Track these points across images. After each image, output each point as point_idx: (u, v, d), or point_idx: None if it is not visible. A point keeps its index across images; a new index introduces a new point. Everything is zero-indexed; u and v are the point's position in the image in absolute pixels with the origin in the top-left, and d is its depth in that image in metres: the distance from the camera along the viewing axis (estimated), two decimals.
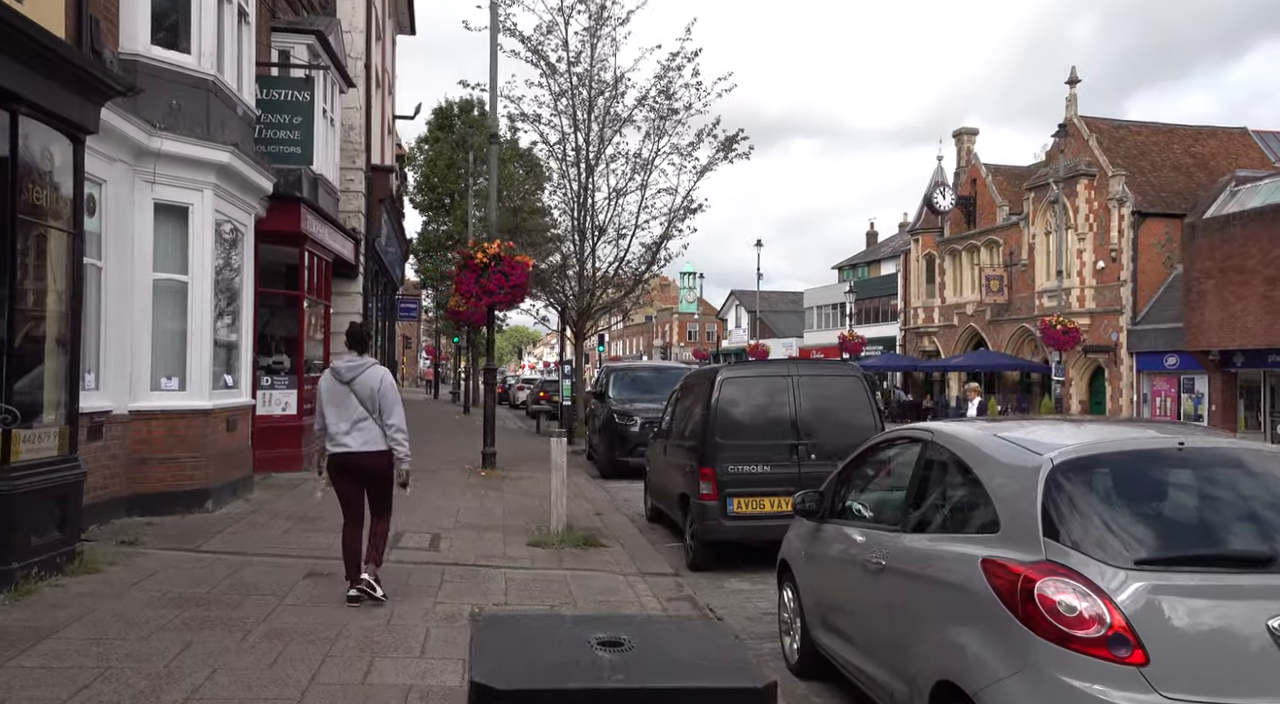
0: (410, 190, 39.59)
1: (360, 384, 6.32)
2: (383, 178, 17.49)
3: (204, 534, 8.46)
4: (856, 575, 4.44)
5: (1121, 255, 33.51)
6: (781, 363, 8.82)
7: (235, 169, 9.58)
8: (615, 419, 15.80)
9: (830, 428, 8.42)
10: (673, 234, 22.69)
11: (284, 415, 13.11)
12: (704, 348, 72.17)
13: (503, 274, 14.37)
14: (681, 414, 9.70)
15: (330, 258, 14.83)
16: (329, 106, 14.48)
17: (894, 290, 50.05)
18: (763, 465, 8.27)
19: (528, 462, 16.90)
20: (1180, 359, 30.53)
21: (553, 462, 9.31)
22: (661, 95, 21.80)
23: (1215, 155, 36.66)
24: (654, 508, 11.15)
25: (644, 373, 18.04)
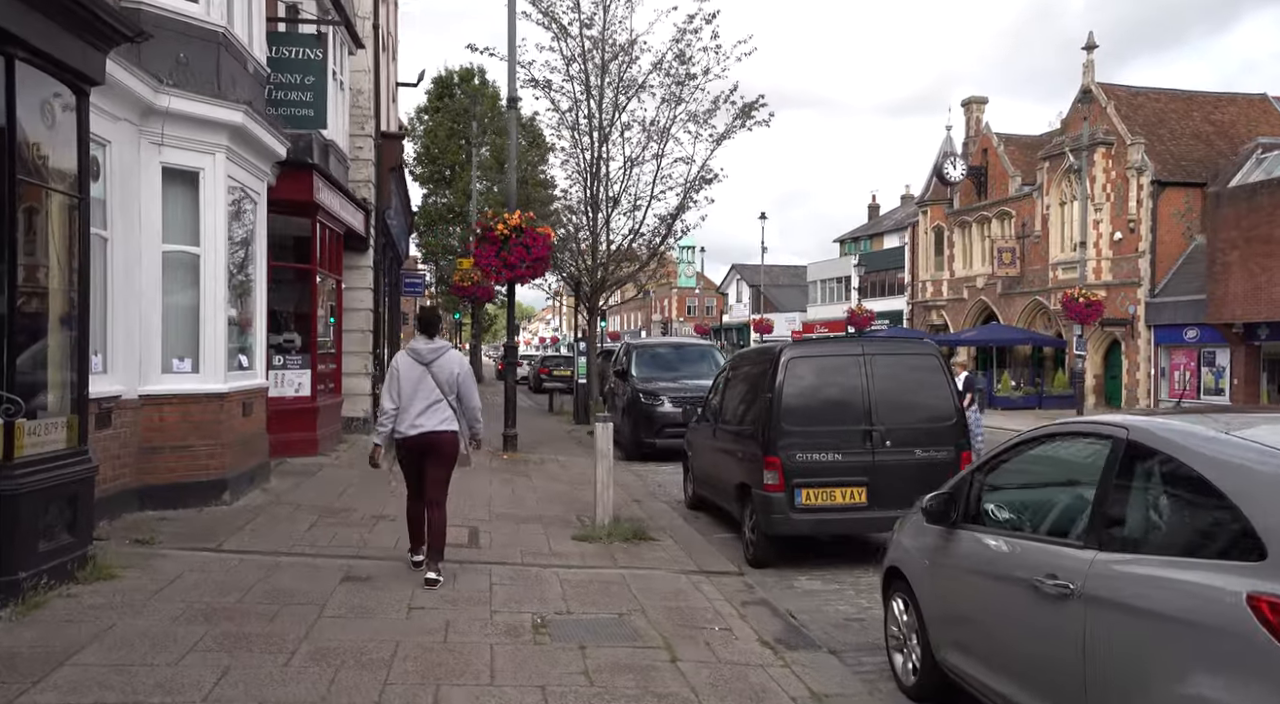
0: (410, 162, 38.61)
1: (440, 366, 6.57)
2: (393, 145, 16.65)
3: (224, 530, 7.77)
4: (1019, 598, 3.77)
5: (1140, 226, 32.78)
6: (851, 341, 8.13)
7: (249, 131, 8.78)
8: (641, 399, 15.12)
9: (905, 412, 7.74)
10: (689, 205, 21.88)
11: (297, 397, 12.39)
12: (705, 323, 71.42)
13: (524, 247, 13.63)
14: (735, 397, 9.00)
15: (342, 230, 14.05)
16: (338, 68, 13.62)
17: (900, 263, 49.30)
18: (833, 454, 7.60)
19: (546, 443, 16.24)
20: (1201, 332, 29.92)
21: (598, 449, 8.62)
22: (677, 60, 20.91)
23: (1235, 122, 35.84)
24: (696, 495, 10.49)
25: (666, 350, 17.35)
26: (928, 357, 7.98)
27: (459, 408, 6.65)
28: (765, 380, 7.97)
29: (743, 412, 8.60)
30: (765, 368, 8.08)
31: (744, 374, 8.93)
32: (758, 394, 8.16)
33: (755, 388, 8.32)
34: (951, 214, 43.56)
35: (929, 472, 7.65)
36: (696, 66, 20.74)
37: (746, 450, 8.17)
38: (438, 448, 6.62)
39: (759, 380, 8.24)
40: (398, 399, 6.58)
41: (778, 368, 7.76)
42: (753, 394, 8.39)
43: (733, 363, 9.52)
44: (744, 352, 9.68)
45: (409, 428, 6.54)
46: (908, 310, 47.68)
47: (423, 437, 6.54)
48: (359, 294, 15.77)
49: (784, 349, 7.87)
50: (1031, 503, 4.18)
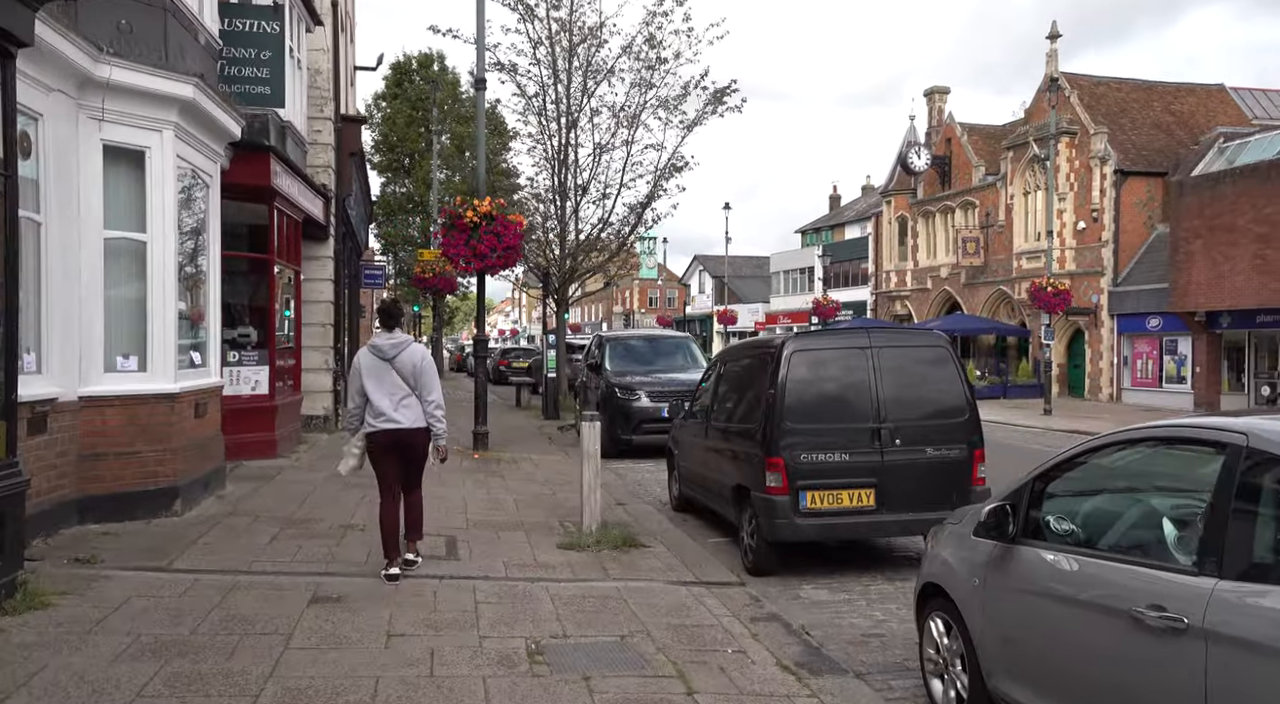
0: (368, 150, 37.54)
1: (403, 361, 6.42)
2: (353, 129, 15.85)
3: (175, 546, 7.05)
4: (1108, 630, 3.29)
5: (1103, 215, 32.93)
6: (857, 332, 7.60)
7: (200, 107, 8.03)
8: (617, 394, 14.55)
9: (915, 408, 7.27)
10: (659, 193, 21.32)
11: (254, 395, 11.63)
12: (667, 315, 70.97)
13: (494, 235, 12.96)
14: (731, 392, 8.47)
15: (300, 217, 13.26)
16: (295, 46, 12.82)
17: (863, 254, 49.25)
18: (840, 453, 7.10)
19: (518, 440, 15.61)
20: (1163, 321, 30.12)
21: (584, 450, 8.04)
22: (647, 44, 20.31)
23: (1194, 113, 36.15)
24: (683, 496, 9.96)
25: (641, 342, 16.77)
26: (937, 347, 7.52)
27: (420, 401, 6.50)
28: (765, 375, 7.44)
29: (739, 408, 8.07)
30: (765, 361, 7.56)
31: (740, 368, 8.40)
32: (756, 390, 7.64)
33: (754, 383, 7.80)
34: (915, 204, 43.53)
35: (941, 472, 7.22)
36: (668, 50, 20.20)
37: (744, 450, 7.64)
38: (411, 447, 6.53)
39: (758, 375, 7.72)
40: (362, 398, 6.47)
41: (779, 361, 7.24)
42: (751, 390, 7.86)
43: (726, 356, 8.97)
44: (739, 344, 9.15)
45: (381, 421, 6.41)
46: (871, 301, 47.66)
47: (396, 433, 6.43)
48: (319, 286, 14.99)
49: (786, 341, 7.35)
50: (1113, 519, 3.69)
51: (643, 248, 33.42)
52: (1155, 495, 3.57)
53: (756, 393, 7.64)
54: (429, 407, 6.50)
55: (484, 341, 13.81)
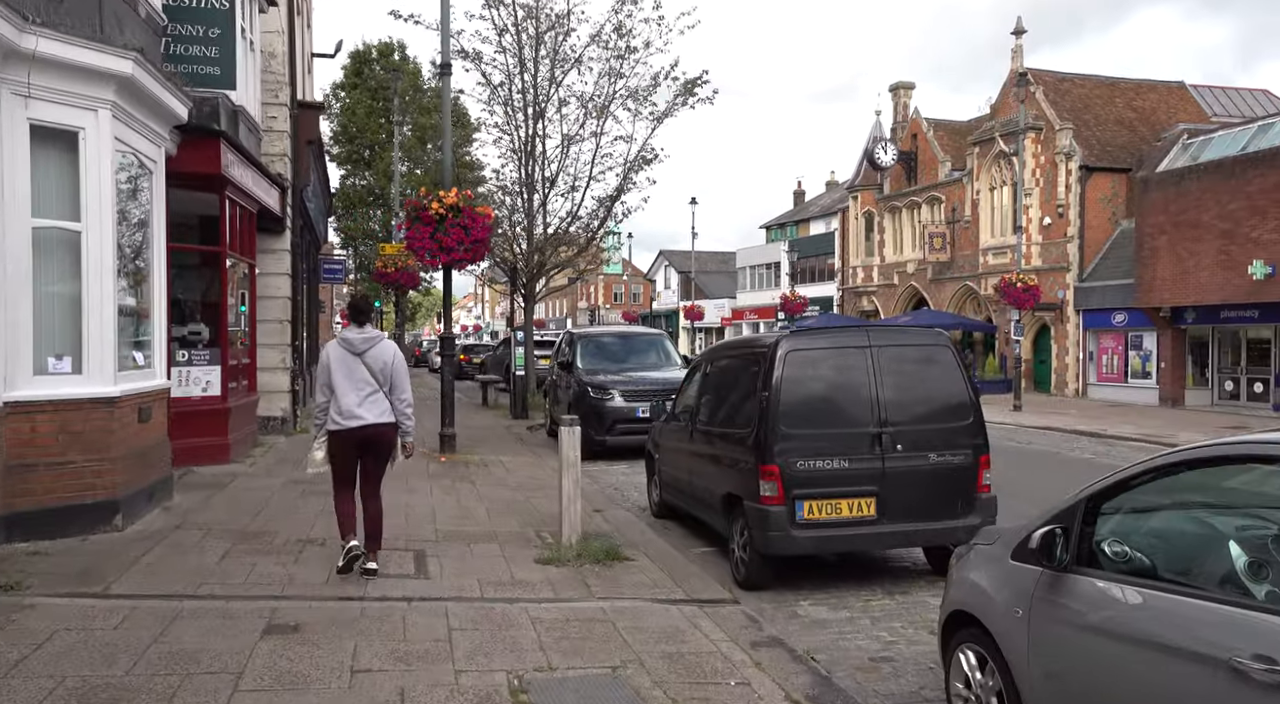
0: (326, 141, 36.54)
1: (373, 356, 6.38)
2: (310, 116, 15.10)
3: (114, 566, 6.40)
4: (1196, 679, 2.84)
5: (1069, 211, 33.02)
6: (855, 331, 7.15)
7: (140, 85, 7.34)
8: (589, 393, 14.02)
9: (918, 411, 6.84)
10: (629, 186, 20.80)
11: (205, 397, 10.93)
12: (632, 310, 70.47)
13: (462, 228, 12.36)
14: (719, 394, 7.97)
15: (255, 208, 12.54)
16: (248, 26, 12.09)
17: (829, 249, 49.16)
18: (839, 460, 6.65)
19: (486, 442, 15.01)
20: (1128, 316, 30.25)
21: (563, 457, 7.50)
22: (616, 32, 19.77)
23: (1156, 110, 36.42)
24: (664, 502, 9.46)
25: (613, 339, 16.23)
26: (939, 347, 7.08)
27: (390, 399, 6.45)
28: (758, 376, 6.97)
29: (729, 411, 7.58)
30: (757, 361, 7.08)
31: (728, 367, 7.91)
32: (748, 391, 7.16)
33: (744, 384, 7.32)
34: (882, 199, 43.47)
35: (945, 479, 6.80)
36: (637, 39, 19.67)
37: (735, 456, 7.16)
38: (377, 442, 6.46)
39: (749, 376, 7.24)
40: (329, 391, 6.39)
41: (773, 361, 6.77)
42: (741, 391, 7.38)
43: (712, 355, 8.47)
44: (727, 342, 8.66)
45: (346, 418, 6.32)
46: (838, 296, 47.57)
47: (362, 429, 6.35)
48: (275, 280, 14.26)
49: (780, 340, 6.87)
50: (1194, 548, 3.25)
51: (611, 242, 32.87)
52: (1247, 523, 3.13)
53: (748, 395, 7.16)
54: (400, 405, 6.46)
55: (451, 339, 13.19)
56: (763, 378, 6.85)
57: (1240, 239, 25.23)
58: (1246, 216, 25.05)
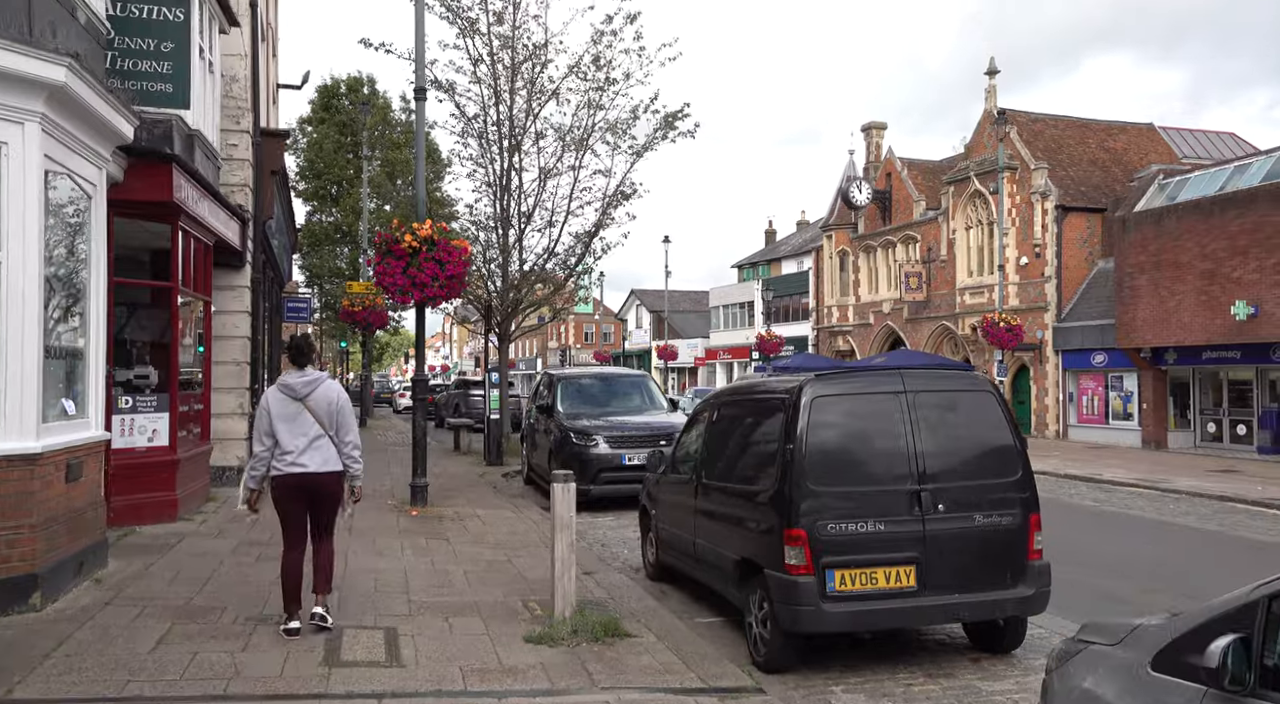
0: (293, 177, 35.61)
1: (316, 400, 6.08)
2: (274, 145, 14.23)
3: (21, 660, 5.37)
4: None
5: (1045, 250, 32.88)
6: (887, 373, 6.34)
7: (76, 96, 6.47)
8: (572, 439, 13.12)
9: (960, 465, 6.05)
10: (607, 222, 20.08)
11: (152, 448, 9.89)
12: (604, 350, 69.67)
13: (436, 262, 11.52)
14: (728, 444, 7.14)
15: (211, 240, 11.61)
16: (206, 45, 11.26)
17: (803, 288, 48.86)
18: (874, 522, 5.83)
19: (459, 491, 14.02)
20: (1108, 357, 29.99)
21: (556, 517, 6.60)
22: (593, 64, 19.18)
23: (1127, 150, 36.67)
24: (662, 564, 8.56)
25: (595, 381, 15.36)
26: (981, 392, 6.32)
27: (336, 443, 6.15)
28: (779, 425, 6.15)
29: (743, 465, 6.74)
30: (777, 408, 6.26)
31: (742, 415, 7.08)
32: (767, 443, 6.33)
33: (763, 434, 6.50)
34: (856, 238, 43.29)
35: (992, 543, 6.00)
36: (617, 70, 19.09)
37: (753, 517, 6.32)
38: (322, 491, 6.12)
39: (768, 424, 6.43)
40: (270, 440, 6.05)
41: (797, 409, 5.96)
42: (759, 442, 6.56)
43: (721, 400, 7.63)
44: (738, 386, 7.82)
45: (289, 466, 6.02)
46: (813, 336, 47.16)
47: (305, 477, 6.03)
48: (233, 319, 13.27)
49: (804, 385, 6.07)
50: None
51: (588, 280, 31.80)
52: None
53: (766, 447, 6.33)
54: (346, 447, 6.15)
55: (424, 381, 12.26)
56: (785, 427, 6.03)
57: (1222, 279, 25.07)
58: (1228, 257, 24.92)
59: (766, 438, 6.38)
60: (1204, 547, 11.04)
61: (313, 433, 6.03)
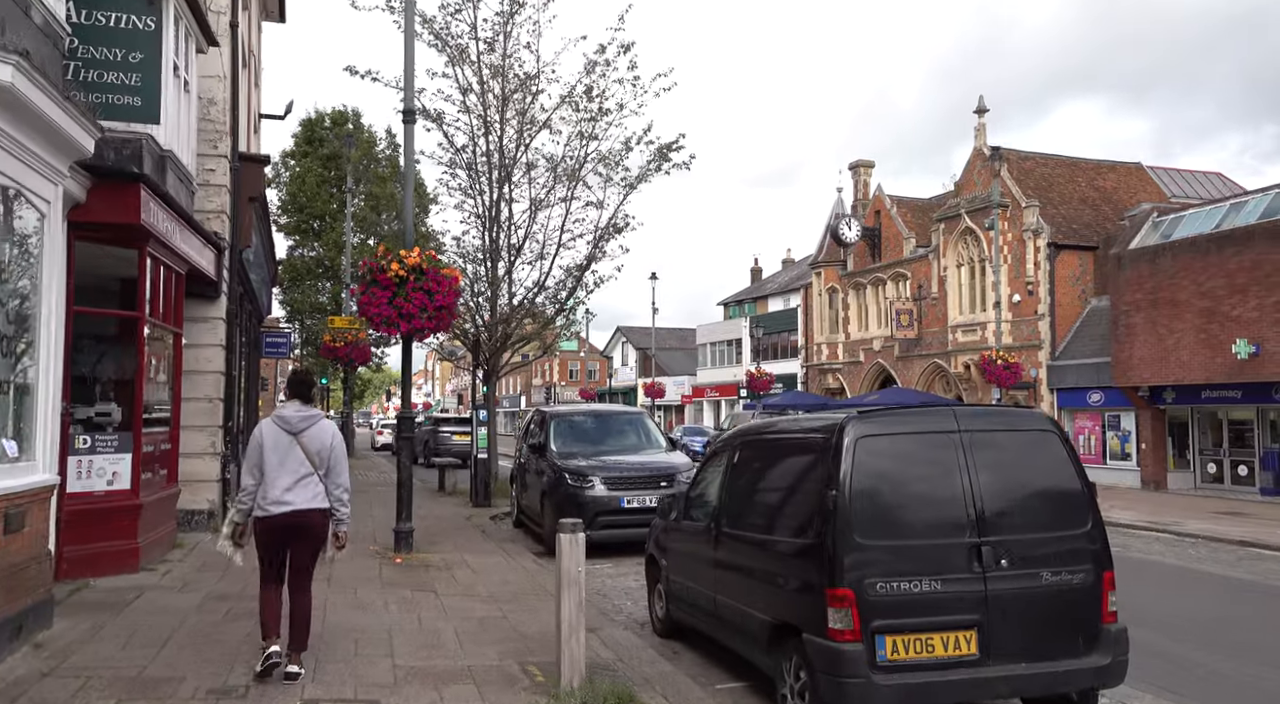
0: (275, 211, 34.92)
1: (310, 437, 5.96)
2: (254, 171, 13.54)
3: None
4: None
5: (1038, 288, 32.60)
6: (939, 412, 5.66)
7: (25, 99, 5.77)
8: (567, 480, 12.34)
9: (1024, 515, 5.37)
10: (598, 255, 19.49)
11: (111, 491, 9.05)
12: (590, 388, 68.89)
13: (425, 292, 10.83)
14: (755, 489, 6.42)
15: (183, 269, 10.88)
16: (182, 63, 10.62)
17: (792, 326, 48.44)
18: (930, 580, 5.12)
19: (446, 536, 13.17)
20: (1105, 395, 29.56)
21: (562, 572, 5.84)
22: (585, 96, 18.72)
23: (1117, 189, 36.66)
24: (672, 619, 7.79)
25: (589, 419, 14.60)
26: (1044, 432, 5.64)
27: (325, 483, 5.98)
28: (817, 468, 5.45)
29: (774, 512, 6.02)
30: (815, 449, 5.57)
31: (768, 455, 6.36)
32: (804, 488, 5.63)
33: (797, 478, 5.79)
34: (846, 276, 42.97)
35: (1062, 605, 5.28)
36: (610, 100, 18.62)
37: (787, 573, 5.59)
38: (307, 530, 5.94)
39: (802, 467, 5.73)
40: (259, 474, 5.89)
41: (839, 450, 5.26)
42: (792, 487, 5.85)
43: (743, 439, 6.89)
44: (764, 423, 7.11)
45: (273, 504, 5.82)
46: (802, 373, 46.62)
47: (291, 516, 5.84)
48: (206, 353, 12.48)
49: (848, 423, 5.37)
50: None
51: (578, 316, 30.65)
52: None
53: (803, 493, 5.62)
54: (336, 490, 5.99)
55: (410, 419, 11.47)
56: (826, 471, 5.33)
57: (1221, 317, 24.74)
58: (1226, 295, 24.61)
59: (801, 482, 5.67)
60: (1258, 600, 10.32)
61: (302, 470, 5.88)
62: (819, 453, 5.49)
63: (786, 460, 6.04)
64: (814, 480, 5.46)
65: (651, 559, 8.28)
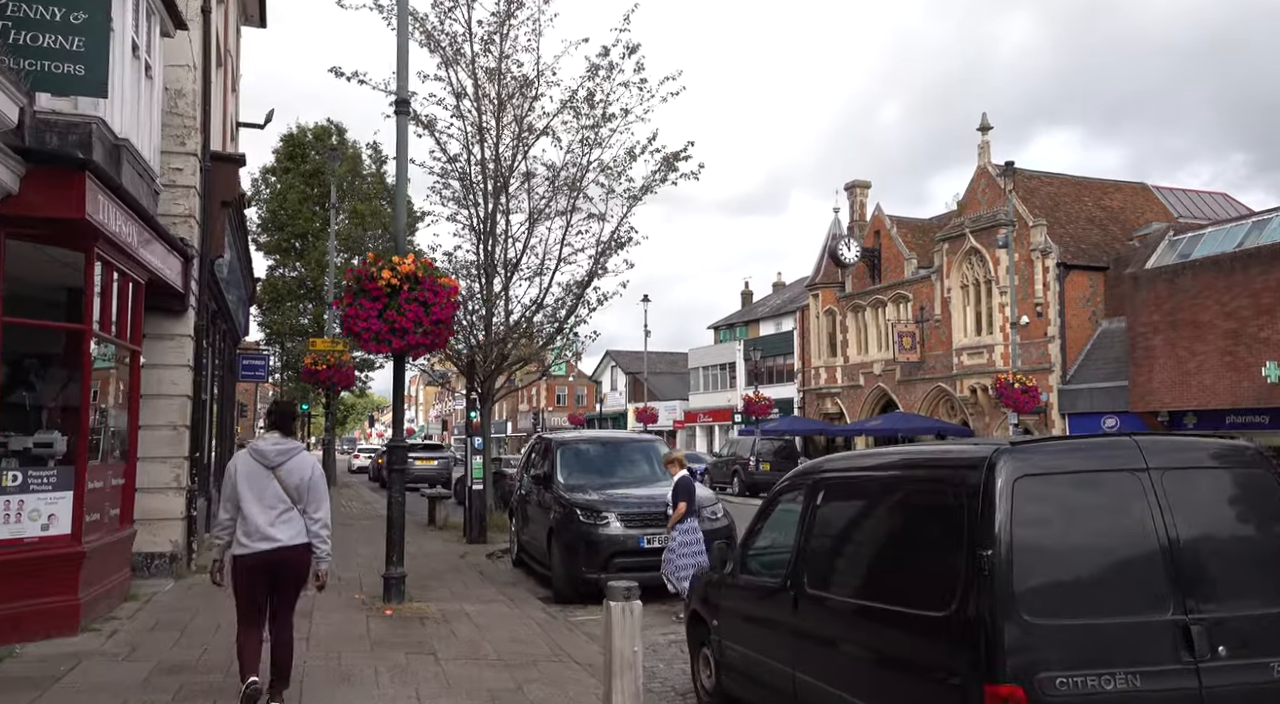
0: (254, 230, 33.45)
1: (289, 470, 5.68)
2: (228, 173, 12.16)
3: None
4: None
5: (1047, 310, 31.56)
6: (1116, 445, 4.35)
7: None
8: (579, 517, 10.93)
9: (1241, 581, 4.05)
10: (600, 271, 18.17)
11: (46, 537, 7.59)
12: (579, 413, 67.37)
13: (420, 304, 9.47)
14: (855, 541, 5.06)
15: (143, 278, 9.49)
16: (143, 43, 9.30)
17: (787, 349, 47.24)
18: (1125, 674, 3.78)
19: (440, 578, 11.72)
20: (1120, 421, 28.40)
21: (615, 654, 4.48)
22: (586, 102, 17.50)
23: (1124, 209, 35.84)
24: (725, 692, 6.37)
25: (598, 447, 13.16)
26: (1254, 470, 4.34)
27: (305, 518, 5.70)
28: (954, 516, 4.11)
29: (887, 573, 4.65)
30: (948, 491, 4.23)
31: (873, 496, 4.97)
32: (932, 542, 4.28)
33: (920, 528, 4.45)
34: (844, 298, 41.89)
35: None
36: (615, 105, 17.39)
37: (915, 657, 4.23)
38: (290, 568, 5.67)
39: (929, 514, 4.38)
40: (234, 508, 5.64)
41: (993, 494, 3.94)
42: (915, 540, 4.49)
43: (827, 473, 5.48)
44: (864, 453, 5.72)
45: (255, 540, 5.53)
46: (799, 398, 45.37)
47: (273, 553, 5.55)
48: (170, 374, 11.05)
49: (999, 458, 4.04)
50: None
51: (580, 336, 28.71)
52: None
53: (934, 549, 4.27)
54: (315, 525, 5.72)
55: (402, 448, 10.03)
56: (969, 522, 4.00)
57: (1247, 339, 23.71)
58: (1253, 315, 23.60)
59: (928, 535, 4.33)
60: None
61: (281, 506, 5.62)
62: (956, 497, 4.15)
63: (901, 505, 4.68)
64: (949, 533, 4.12)
65: (697, 617, 6.88)
